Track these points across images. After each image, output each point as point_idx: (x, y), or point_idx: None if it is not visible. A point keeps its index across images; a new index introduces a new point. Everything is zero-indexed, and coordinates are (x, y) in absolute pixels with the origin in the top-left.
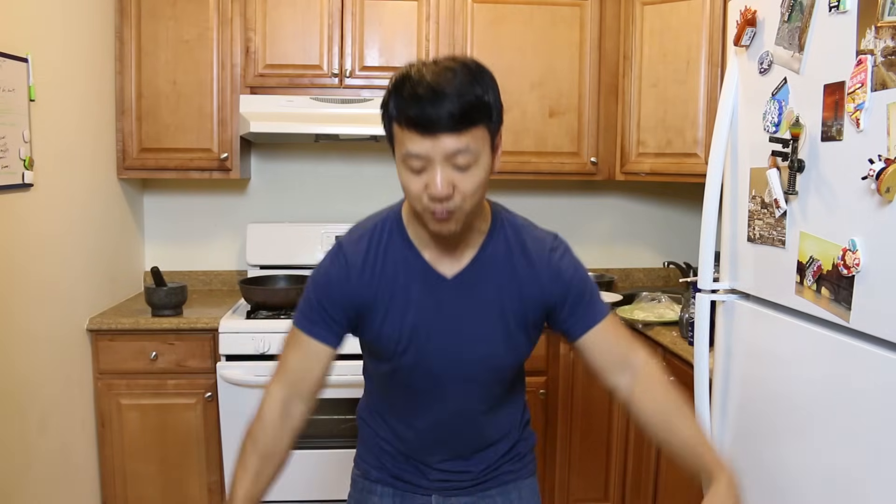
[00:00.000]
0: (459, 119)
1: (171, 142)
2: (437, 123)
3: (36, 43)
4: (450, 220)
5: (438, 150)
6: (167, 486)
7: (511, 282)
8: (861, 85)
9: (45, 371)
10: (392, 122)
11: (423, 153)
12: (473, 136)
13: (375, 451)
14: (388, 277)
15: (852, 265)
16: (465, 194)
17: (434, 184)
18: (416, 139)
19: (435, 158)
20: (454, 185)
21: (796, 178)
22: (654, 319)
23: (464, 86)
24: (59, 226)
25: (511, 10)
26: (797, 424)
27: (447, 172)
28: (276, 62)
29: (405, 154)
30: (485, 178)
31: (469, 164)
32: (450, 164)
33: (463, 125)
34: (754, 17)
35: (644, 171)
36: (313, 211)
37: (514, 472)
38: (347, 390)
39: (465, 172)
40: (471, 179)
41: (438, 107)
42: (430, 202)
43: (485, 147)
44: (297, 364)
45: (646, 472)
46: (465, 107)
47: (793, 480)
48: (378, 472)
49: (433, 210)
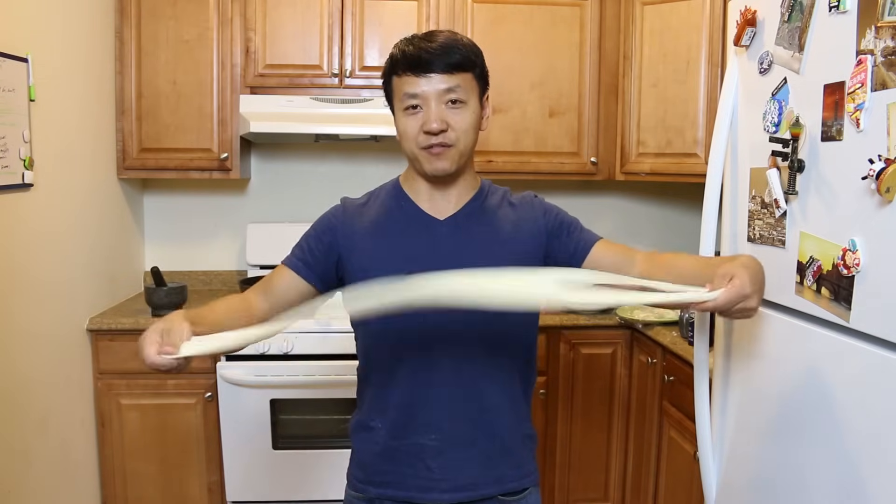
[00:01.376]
0: (449, 62)
1: (171, 142)
2: (430, 63)
3: (36, 43)
4: (443, 155)
5: (432, 88)
6: (167, 486)
7: (505, 225)
8: (861, 85)
9: (45, 371)
10: (391, 78)
11: (419, 92)
12: (463, 79)
13: (371, 458)
14: (382, 220)
15: (852, 265)
16: (458, 130)
17: (429, 118)
18: (412, 80)
19: (429, 96)
20: (447, 122)
21: (796, 178)
22: (654, 319)
23: (453, 40)
24: (59, 226)
25: (511, 10)
26: (797, 424)
27: (441, 109)
28: (276, 62)
29: (403, 96)
30: (475, 122)
31: (460, 102)
32: (442, 102)
33: (453, 68)
34: (754, 17)
35: (644, 171)
36: (313, 211)
37: (517, 479)
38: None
39: (456, 110)
40: (462, 117)
41: (431, 51)
42: (426, 138)
43: (473, 93)
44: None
45: (646, 472)
46: (454, 53)
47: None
48: (377, 489)
49: (429, 145)
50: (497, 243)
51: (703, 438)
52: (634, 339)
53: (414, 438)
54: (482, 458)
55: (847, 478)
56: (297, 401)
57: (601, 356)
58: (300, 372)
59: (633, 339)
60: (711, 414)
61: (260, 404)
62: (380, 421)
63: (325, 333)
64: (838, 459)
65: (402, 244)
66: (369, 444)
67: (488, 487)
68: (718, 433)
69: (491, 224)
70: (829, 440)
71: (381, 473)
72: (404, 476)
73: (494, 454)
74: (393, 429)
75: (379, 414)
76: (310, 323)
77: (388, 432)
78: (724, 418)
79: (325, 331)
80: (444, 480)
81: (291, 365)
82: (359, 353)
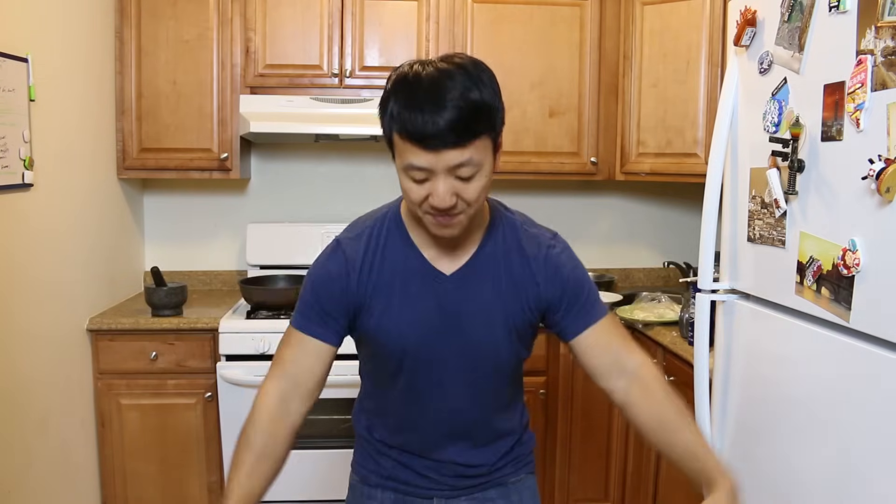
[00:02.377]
0: (462, 132)
1: (171, 142)
2: (438, 138)
3: (36, 43)
4: (451, 225)
5: (441, 164)
6: (167, 486)
7: (508, 280)
8: (861, 85)
9: (45, 371)
10: (392, 131)
11: (426, 166)
12: (476, 147)
13: (373, 454)
14: (387, 274)
15: (852, 265)
16: (468, 202)
17: (437, 195)
18: (418, 152)
19: (437, 171)
20: (457, 195)
21: (796, 178)
22: (654, 319)
23: (464, 94)
24: (59, 226)
25: (511, 10)
26: (797, 424)
27: (450, 183)
28: (276, 62)
29: (406, 165)
30: (487, 184)
31: (472, 175)
32: (452, 175)
33: (465, 138)
34: (754, 17)
35: (644, 171)
36: (313, 211)
37: (514, 472)
38: (347, 390)
39: (468, 182)
40: (474, 188)
41: (440, 121)
42: (432, 210)
43: (487, 155)
44: (295, 362)
45: (646, 472)
46: (467, 118)
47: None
48: (377, 478)
49: (435, 217)
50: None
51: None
52: (634, 339)
53: (411, 445)
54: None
55: (847, 477)
56: None
57: None
58: None
59: (634, 339)
60: (711, 414)
61: None
62: (379, 423)
63: None
64: (838, 459)
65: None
66: (370, 442)
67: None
68: (718, 433)
69: (494, 280)
70: (829, 440)
71: (383, 468)
72: (405, 473)
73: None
74: (392, 433)
75: (377, 415)
76: None
77: (389, 434)
78: (724, 418)
79: None
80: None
81: None
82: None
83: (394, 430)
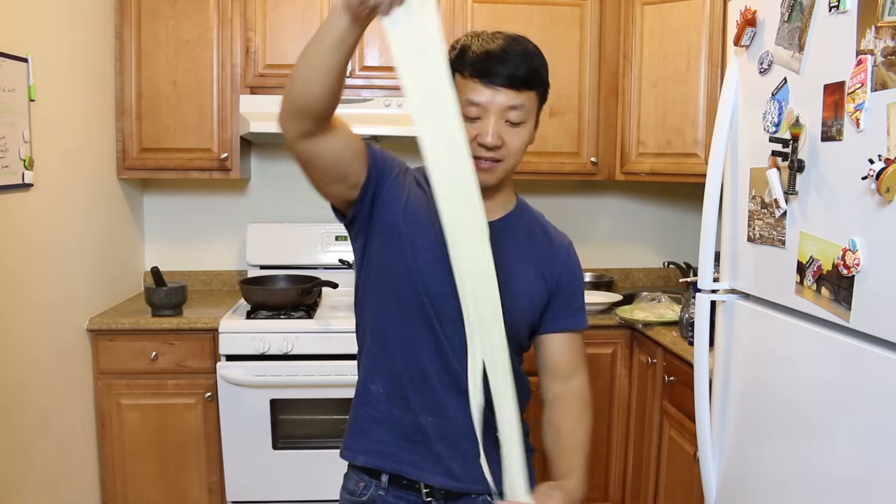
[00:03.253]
0: (521, 79)
1: (171, 142)
2: (501, 77)
3: (36, 43)
4: (491, 170)
5: (496, 102)
6: (167, 486)
7: (531, 250)
8: (861, 85)
9: (45, 371)
10: (456, 72)
11: (483, 102)
12: (528, 98)
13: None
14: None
15: (852, 265)
16: (511, 150)
17: (486, 132)
18: (479, 88)
19: (491, 109)
20: (503, 139)
21: (796, 178)
22: (654, 319)
23: (528, 54)
24: (59, 226)
25: (511, 10)
26: (797, 424)
27: (500, 125)
28: (276, 62)
29: (465, 101)
30: (528, 141)
31: (520, 122)
32: (502, 118)
33: (522, 85)
34: (754, 17)
35: (644, 171)
36: (313, 211)
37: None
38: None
39: (514, 129)
40: (518, 137)
41: (505, 64)
42: (478, 149)
43: (533, 112)
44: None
45: (646, 472)
46: (527, 70)
47: (793, 480)
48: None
49: (481, 157)
50: (520, 262)
51: (703, 438)
52: (634, 339)
53: (413, 415)
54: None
55: (847, 477)
56: (297, 401)
57: (601, 356)
58: (300, 372)
59: (634, 339)
60: (711, 414)
61: (260, 404)
62: (380, 384)
63: (325, 333)
64: (838, 459)
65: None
66: (368, 409)
67: (483, 484)
68: (718, 433)
69: (517, 244)
70: (829, 440)
71: (376, 442)
72: (399, 449)
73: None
74: (393, 396)
75: (379, 375)
76: (310, 323)
77: (388, 398)
78: (724, 418)
79: (325, 331)
80: (438, 464)
81: (291, 365)
82: (359, 318)
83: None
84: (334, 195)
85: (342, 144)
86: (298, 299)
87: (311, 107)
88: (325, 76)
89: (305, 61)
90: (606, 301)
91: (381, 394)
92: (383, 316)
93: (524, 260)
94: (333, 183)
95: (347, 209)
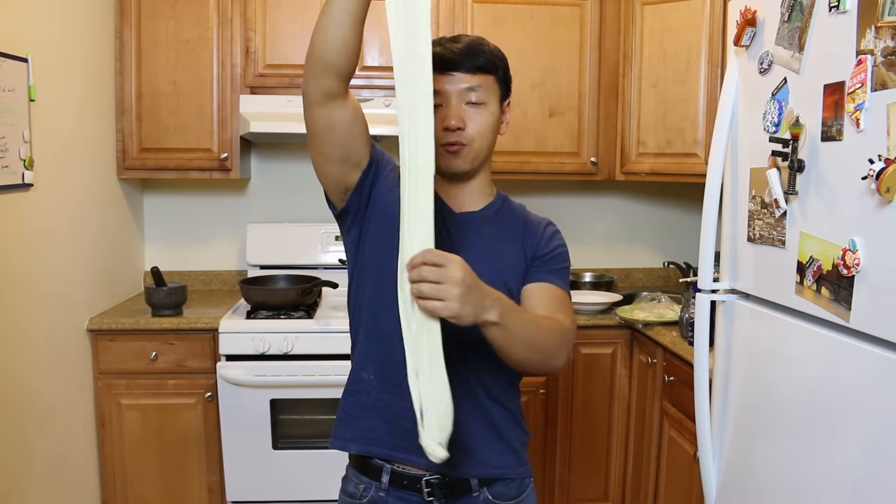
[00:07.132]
0: (473, 63)
1: (171, 142)
2: (454, 62)
3: (36, 43)
4: (460, 154)
5: (454, 87)
6: (167, 486)
7: (516, 229)
8: (861, 85)
9: (45, 371)
10: None
11: (442, 88)
12: (484, 80)
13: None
14: None
15: (852, 265)
16: (476, 131)
17: (448, 115)
18: (438, 78)
19: (451, 93)
20: (465, 121)
21: (796, 178)
22: (654, 319)
23: (478, 43)
24: (59, 226)
25: (511, 10)
26: (797, 424)
27: (460, 108)
28: (276, 62)
29: None
30: (492, 124)
31: (480, 102)
32: (463, 101)
33: (476, 69)
34: (754, 17)
35: (644, 171)
36: (313, 211)
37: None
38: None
39: (475, 109)
40: (480, 117)
41: (455, 52)
42: (445, 134)
43: (494, 95)
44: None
45: (646, 472)
46: (479, 56)
47: (793, 480)
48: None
49: (447, 142)
50: (505, 242)
51: (703, 438)
52: (634, 339)
53: (405, 401)
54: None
55: (847, 477)
56: (297, 401)
57: (601, 356)
58: (300, 372)
59: (634, 339)
60: (711, 414)
61: (260, 404)
62: (372, 371)
63: (325, 333)
64: (838, 459)
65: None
66: (360, 397)
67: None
68: (718, 433)
69: (500, 231)
70: (829, 440)
71: (367, 429)
72: (391, 436)
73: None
74: (385, 382)
75: (370, 362)
76: (310, 323)
77: (381, 384)
78: (724, 418)
79: (325, 331)
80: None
81: (291, 365)
82: (352, 313)
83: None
84: (335, 176)
85: (355, 116)
86: (298, 299)
87: (331, 59)
88: (346, 20)
89: (325, 13)
90: (606, 301)
91: (373, 381)
92: (378, 302)
93: (508, 240)
94: (339, 161)
95: (343, 197)
